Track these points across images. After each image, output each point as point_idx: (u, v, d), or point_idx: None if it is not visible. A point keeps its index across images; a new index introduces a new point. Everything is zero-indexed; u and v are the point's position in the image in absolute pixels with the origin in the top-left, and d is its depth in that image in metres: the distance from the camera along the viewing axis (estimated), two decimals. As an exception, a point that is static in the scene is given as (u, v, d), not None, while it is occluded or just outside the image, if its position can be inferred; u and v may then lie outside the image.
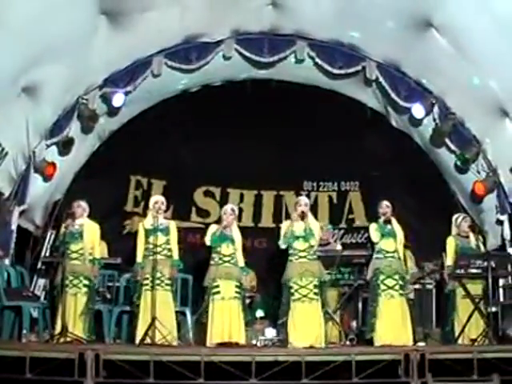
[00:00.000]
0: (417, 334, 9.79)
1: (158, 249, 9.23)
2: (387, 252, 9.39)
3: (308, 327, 8.98)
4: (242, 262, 9.43)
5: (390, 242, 9.42)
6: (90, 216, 9.65)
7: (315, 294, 9.11)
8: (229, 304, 9.09)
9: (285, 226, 9.40)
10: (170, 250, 9.39)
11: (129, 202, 13.84)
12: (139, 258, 9.37)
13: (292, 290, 9.09)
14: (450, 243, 9.88)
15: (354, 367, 7.58)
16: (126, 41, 10.43)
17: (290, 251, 9.26)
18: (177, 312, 9.83)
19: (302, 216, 9.22)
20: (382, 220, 9.49)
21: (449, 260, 9.80)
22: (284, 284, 9.22)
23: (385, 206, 9.55)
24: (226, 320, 9.03)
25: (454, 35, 9.82)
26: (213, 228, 9.42)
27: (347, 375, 7.59)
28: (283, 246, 9.29)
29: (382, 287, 9.24)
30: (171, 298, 9.30)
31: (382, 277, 9.27)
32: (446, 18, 9.65)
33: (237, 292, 9.18)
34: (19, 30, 8.62)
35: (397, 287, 9.22)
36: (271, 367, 7.58)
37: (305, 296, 9.06)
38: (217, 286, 9.12)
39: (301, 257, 9.20)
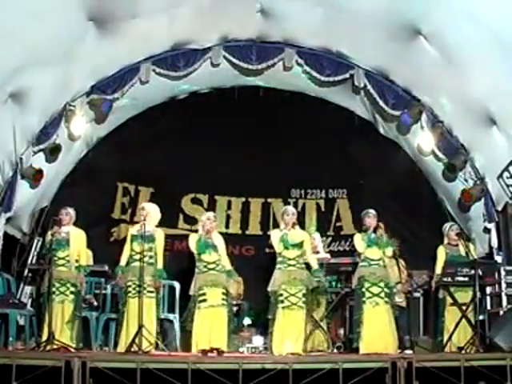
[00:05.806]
0: (404, 342, 9.82)
1: (141, 256, 9.20)
2: (372, 260, 9.37)
3: (295, 334, 8.98)
4: (228, 266, 9.36)
5: (375, 251, 9.41)
6: (76, 223, 9.62)
7: (304, 302, 9.10)
8: (216, 311, 9.03)
9: (276, 233, 9.33)
10: (151, 257, 9.34)
11: (116, 209, 13.78)
12: (122, 262, 9.35)
13: (281, 298, 9.05)
14: (441, 252, 9.92)
15: (341, 375, 7.55)
16: (114, 47, 10.41)
17: (279, 259, 9.21)
18: (163, 319, 9.79)
19: (293, 225, 9.22)
20: (368, 230, 9.47)
21: (438, 269, 9.82)
22: (272, 292, 9.17)
23: (372, 216, 9.51)
24: (212, 327, 8.97)
25: (443, 43, 9.85)
26: (195, 236, 9.33)
27: (334, 383, 7.57)
28: (279, 250, 9.23)
29: (368, 295, 9.23)
30: (154, 305, 9.26)
31: (366, 284, 9.26)
32: (434, 27, 9.67)
33: (223, 299, 9.11)
34: (6, 35, 8.60)
35: (382, 294, 9.20)
36: (258, 375, 7.54)
37: (294, 304, 9.03)
38: (203, 294, 9.04)
39: (290, 265, 9.14)
